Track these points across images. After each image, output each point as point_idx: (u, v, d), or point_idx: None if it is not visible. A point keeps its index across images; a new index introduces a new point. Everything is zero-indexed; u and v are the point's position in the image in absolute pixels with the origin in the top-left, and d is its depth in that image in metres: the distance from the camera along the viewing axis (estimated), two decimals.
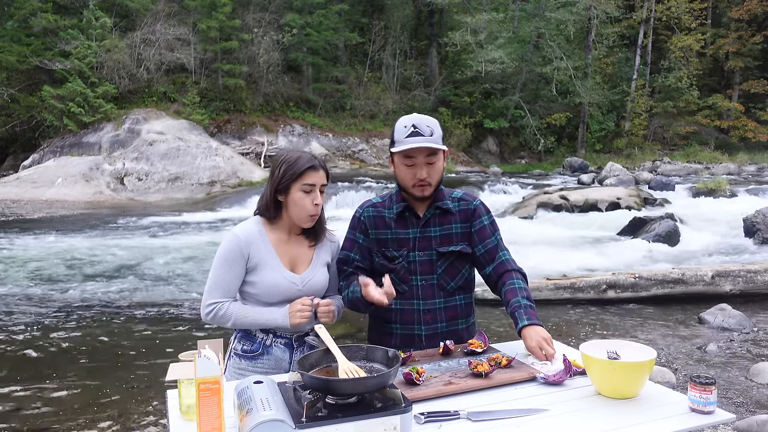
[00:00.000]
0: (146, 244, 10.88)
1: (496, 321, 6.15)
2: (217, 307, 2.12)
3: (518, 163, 26.54)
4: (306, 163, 2.12)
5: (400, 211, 2.27)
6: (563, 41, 26.66)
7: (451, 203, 2.29)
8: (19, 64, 19.70)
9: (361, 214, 2.33)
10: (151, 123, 19.39)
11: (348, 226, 2.37)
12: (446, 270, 2.26)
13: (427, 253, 2.24)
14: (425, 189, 2.19)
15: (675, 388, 3.16)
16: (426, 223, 2.26)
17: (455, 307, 2.29)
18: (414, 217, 2.27)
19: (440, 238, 2.25)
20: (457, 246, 2.26)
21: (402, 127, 2.16)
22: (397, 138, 2.16)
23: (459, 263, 2.28)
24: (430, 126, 2.15)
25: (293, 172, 2.11)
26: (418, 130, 2.13)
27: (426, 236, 2.25)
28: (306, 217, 2.15)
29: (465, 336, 2.27)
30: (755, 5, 28.45)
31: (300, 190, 2.11)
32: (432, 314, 2.26)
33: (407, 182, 2.20)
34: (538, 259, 8.79)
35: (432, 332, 2.25)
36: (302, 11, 22.75)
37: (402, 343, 2.20)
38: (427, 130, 2.14)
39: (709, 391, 1.63)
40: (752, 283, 6.89)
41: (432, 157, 2.16)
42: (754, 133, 28.30)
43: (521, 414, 1.65)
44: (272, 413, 1.44)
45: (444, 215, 2.28)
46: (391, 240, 2.25)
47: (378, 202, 2.35)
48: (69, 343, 5.75)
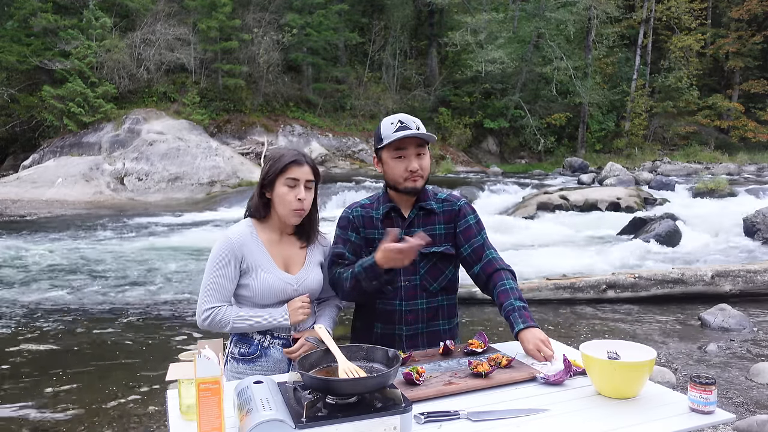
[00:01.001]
0: (146, 244, 10.88)
1: (495, 321, 6.15)
2: (214, 312, 2.09)
3: (518, 163, 26.54)
4: (289, 158, 2.12)
5: (386, 212, 2.28)
6: (563, 41, 26.65)
7: (435, 204, 2.30)
8: (19, 64, 19.68)
9: (350, 214, 2.34)
10: (151, 123, 19.39)
11: (336, 226, 2.35)
12: (429, 271, 2.26)
13: None
14: (417, 181, 2.21)
15: (675, 388, 3.16)
16: (410, 223, 2.27)
17: (437, 308, 2.29)
18: (399, 218, 2.28)
19: None
20: (440, 247, 2.27)
21: (389, 124, 2.20)
22: (385, 134, 2.19)
23: (442, 264, 2.28)
24: (416, 122, 2.20)
25: (277, 167, 2.11)
26: (405, 125, 2.17)
27: (410, 237, 2.24)
28: (290, 212, 2.12)
29: (446, 337, 2.26)
30: (755, 5, 28.45)
31: (284, 185, 2.10)
32: (414, 315, 2.26)
33: (398, 176, 2.21)
34: (538, 259, 8.79)
35: (413, 332, 2.25)
36: (302, 11, 22.75)
37: (383, 343, 2.17)
38: (413, 125, 2.18)
39: (709, 391, 1.63)
40: (752, 283, 6.89)
41: (421, 148, 2.20)
42: (754, 133, 28.29)
43: (521, 414, 1.65)
44: (272, 413, 1.44)
45: (428, 216, 2.29)
46: (378, 240, 2.23)
47: (366, 203, 2.37)
48: (68, 344, 5.75)
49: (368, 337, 2.29)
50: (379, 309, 2.27)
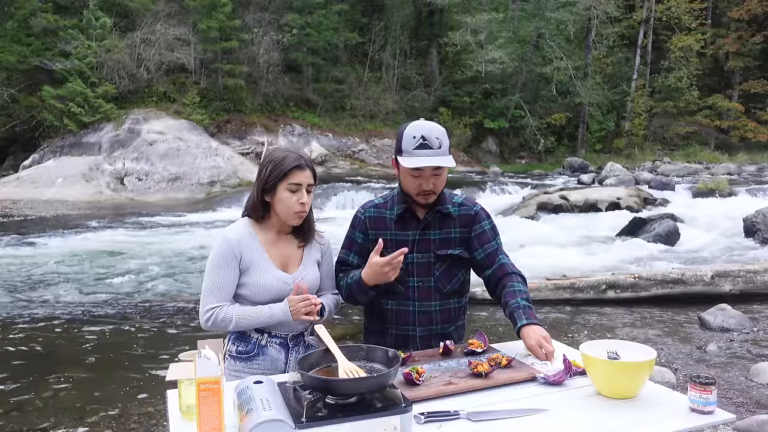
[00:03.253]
0: (146, 243, 10.88)
1: (495, 321, 6.15)
2: (216, 311, 2.10)
3: (518, 163, 26.53)
4: (292, 163, 2.11)
5: (400, 213, 2.28)
6: (563, 41, 26.65)
7: (452, 207, 2.31)
8: (19, 64, 19.67)
9: (363, 214, 2.36)
10: (151, 123, 19.38)
11: (349, 225, 2.39)
12: (443, 273, 2.28)
13: (426, 255, 2.27)
14: (429, 197, 2.22)
15: (675, 388, 3.16)
16: (426, 225, 2.27)
17: (449, 310, 2.32)
18: (414, 219, 2.28)
19: (439, 241, 2.27)
20: (456, 250, 2.29)
21: (411, 138, 2.14)
22: (405, 148, 2.15)
23: (456, 267, 2.31)
24: (439, 138, 2.15)
25: (279, 172, 2.10)
26: (427, 143, 2.12)
27: (425, 239, 2.27)
28: (293, 215, 2.14)
29: (455, 337, 2.32)
30: (755, 5, 28.44)
31: (286, 190, 2.11)
32: (427, 316, 2.28)
33: (412, 190, 2.22)
34: (538, 259, 8.78)
35: (426, 333, 2.28)
36: (302, 11, 22.73)
37: (396, 343, 2.21)
38: (435, 142, 2.13)
39: (709, 391, 1.63)
40: (752, 283, 6.88)
41: (438, 169, 2.17)
42: (754, 133, 28.27)
43: (521, 414, 1.65)
44: (272, 413, 1.44)
45: (444, 219, 2.29)
46: (390, 241, 2.25)
47: (380, 203, 2.37)
48: (68, 344, 5.75)
49: (382, 337, 2.31)
50: (393, 310, 2.29)
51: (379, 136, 23.54)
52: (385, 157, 22.19)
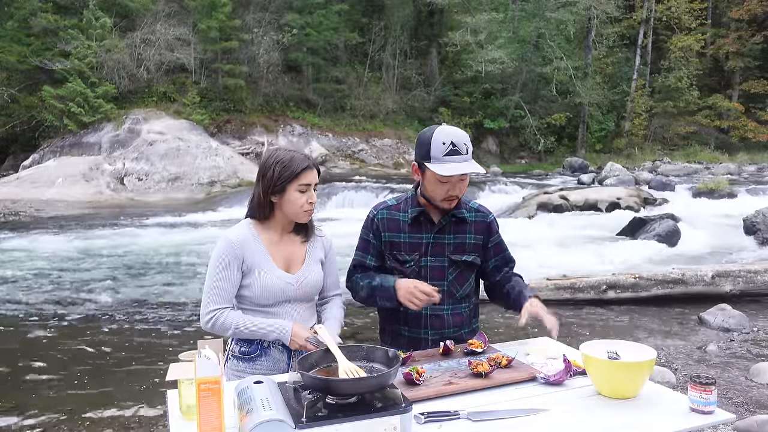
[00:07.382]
0: (146, 244, 10.88)
1: (496, 321, 6.15)
2: (217, 315, 2.10)
3: (518, 163, 26.53)
4: (302, 164, 2.12)
5: (415, 216, 2.28)
6: (563, 41, 26.65)
7: (468, 213, 2.31)
8: (19, 64, 19.68)
9: (375, 216, 2.35)
10: (151, 123, 19.38)
11: (362, 226, 2.40)
12: (456, 278, 2.30)
13: (439, 259, 2.27)
14: (453, 202, 2.23)
15: (675, 388, 3.16)
16: (441, 229, 2.28)
17: (461, 314, 2.34)
18: (429, 223, 2.28)
19: (453, 246, 2.28)
20: (470, 256, 2.30)
21: (440, 144, 2.12)
22: (435, 155, 2.13)
23: (467, 272, 2.33)
24: (466, 143, 2.16)
25: (290, 174, 2.10)
26: (456, 149, 2.12)
27: (439, 243, 2.27)
28: (302, 213, 2.16)
29: (468, 339, 2.32)
30: (755, 5, 28.44)
31: (296, 191, 2.12)
32: (440, 319, 2.30)
33: (437, 196, 2.21)
34: (538, 259, 8.78)
35: (439, 337, 2.28)
36: (302, 11, 22.74)
37: (410, 346, 2.23)
38: (464, 148, 2.14)
39: (709, 391, 1.63)
40: (752, 283, 6.89)
41: (464, 174, 2.17)
42: (754, 133, 28.27)
43: (521, 414, 1.65)
44: (272, 413, 1.44)
45: (459, 224, 2.30)
46: (404, 244, 2.27)
47: (393, 204, 2.36)
48: (69, 344, 5.74)
49: (396, 339, 2.34)
50: (406, 313, 2.29)
51: (379, 136, 23.53)
52: (385, 157, 22.18)
